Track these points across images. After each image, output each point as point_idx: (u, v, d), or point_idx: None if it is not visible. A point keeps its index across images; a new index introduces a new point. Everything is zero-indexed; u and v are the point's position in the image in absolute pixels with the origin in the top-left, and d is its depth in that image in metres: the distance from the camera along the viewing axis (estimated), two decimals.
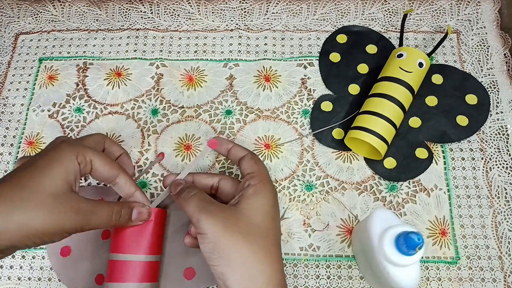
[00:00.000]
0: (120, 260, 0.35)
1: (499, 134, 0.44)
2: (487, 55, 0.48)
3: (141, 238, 0.35)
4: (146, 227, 0.36)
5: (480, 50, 0.48)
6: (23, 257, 0.41)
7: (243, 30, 0.50)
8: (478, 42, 0.49)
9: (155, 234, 0.36)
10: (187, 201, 0.32)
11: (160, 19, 0.52)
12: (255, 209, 0.32)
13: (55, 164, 0.30)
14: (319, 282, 0.39)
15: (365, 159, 0.44)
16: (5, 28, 0.52)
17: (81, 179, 0.43)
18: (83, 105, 0.47)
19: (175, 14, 0.52)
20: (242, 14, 0.51)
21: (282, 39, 0.50)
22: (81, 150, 0.31)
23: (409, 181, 0.43)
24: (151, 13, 0.52)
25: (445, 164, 0.43)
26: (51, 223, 0.28)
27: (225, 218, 0.30)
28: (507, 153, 0.43)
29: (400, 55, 0.43)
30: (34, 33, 0.52)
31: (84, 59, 0.50)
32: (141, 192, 0.35)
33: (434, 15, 0.50)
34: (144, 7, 0.52)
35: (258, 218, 0.31)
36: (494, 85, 0.46)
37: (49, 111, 0.47)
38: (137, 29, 0.51)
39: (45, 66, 0.50)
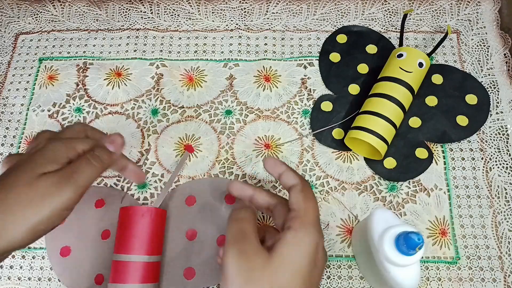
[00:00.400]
0: (124, 261, 0.35)
1: (499, 134, 0.44)
2: (487, 55, 0.48)
3: (144, 239, 0.35)
4: (148, 227, 0.36)
5: (480, 50, 0.48)
6: (23, 257, 0.41)
7: (243, 30, 0.50)
8: (478, 42, 0.49)
9: (156, 234, 0.36)
10: (231, 222, 0.31)
11: (160, 19, 0.52)
12: (287, 264, 0.27)
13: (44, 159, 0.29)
14: None
15: (365, 159, 0.44)
16: (5, 28, 0.52)
17: None
18: (83, 105, 0.47)
19: (175, 14, 0.52)
20: (242, 14, 0.51)
21: (282, 39, 0.50)
22: (72, 144, 0.31)
23: (409, 181, 0.43)
24: (151, 13, 0.52)
25: (445, 164, 0.43)
26: (43, 212, 0.28)
27: (250, 270, 0.27)
28: (507, 153, 0.43)
29: (400, 55, 0.43)
30: (34, 33, 0.52)
31: (84, 59, 0.50)
32: (133, 163, 0.37)
33: (434, 15, 0.50)
34: (144, 7, 0.52)
35: (286, 276, 0.27)
36: (494, 85, 0.46)
37: (49, 111, 0.47)
38: (137, 29, 0.51)
39: (45, 66, 0.50)
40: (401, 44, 0.46)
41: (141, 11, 0.52)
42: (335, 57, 0.48)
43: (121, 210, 0.37)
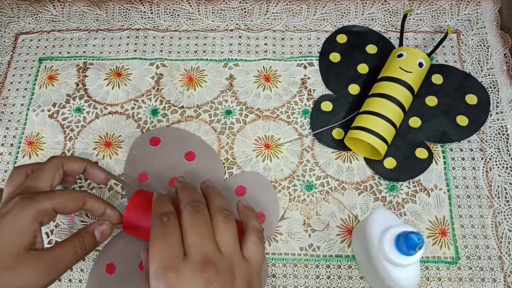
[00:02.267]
0: None
1: (499, 134, 0.44)
2: (487, 55, 0.48)
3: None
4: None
5: (480, 50, 0.48)
6: None
7: (243, 30, 0.50)
8: (478, 42, 0.49)
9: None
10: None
11: (160, 19, 0.52)
12: None
13: (8, 233, 0.30)
14: (319, 282, 0.39)
15: (365, 159, 0.44)
16: (5, 28, 0.52)
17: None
18: (83, 105, 0.47)
19: (175, 14, 0.52)
20: (242, 14, 0.51)
21: (282, 39, 0.50)
22: (37, 205, 0.31)
23: (409, 181, 0.43)
24: (151, 13, 0.52)
25: (445, 164, 0.43)
26: None
27: None
28: (507, 153, 0.43)
29: (400, 55, 0.43)
30: (34, 33, 0.52)
31: (84, 59, 0.50)
32: (111, 208, 0.36)
33: (434, 15, 0.50)
34: (144, 7, 0.52)
35: None
36: (494, 85, 0.46)
37: (49, 111, 0.47)
38: (137, 29, 0.51)
39: (45, 66, 0.50)
40: (401, 44, 0.46)
41: (141, 11, 0.52)
42: (335, 57, 0.48)
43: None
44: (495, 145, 0.44)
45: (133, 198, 0.36)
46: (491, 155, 0.43)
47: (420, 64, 0.43)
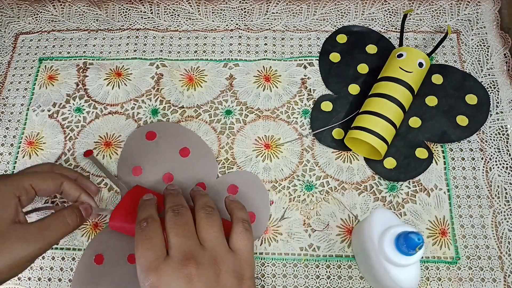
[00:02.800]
0: None
1: (499, 134, 0.44)
2: (487, 55, 0.48)
3: None
4: None
5: (480, 50, 0.48)
6: None
7: (243, 30, 0.50)
8: (478, 42, 0.49)
9: None
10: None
11: (160, 19, 0.52)
12: None
13: None
14: (319, 282, 0.39)
15: (365, 159, 0.44)
16: (5, 28, 0.52)
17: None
18: (83, 105, 0.47)
19: (175, 14, 0.52)
20: (242, 14, 0.51)
21: (282, 39, 0.50)
22: (17, 182, 0.33)
23: (409, 181, 0.43)
24: (151, 13, 0.52)
25: (445, 164, 0.43)
26: (3, 260, 0.29)
27: None
28: (507, 153, 0.43)
29: (400, 55, 0.43)
30: (34, 33, 0.52)
31: (84, 59, 0.50)
32: (86, 194, 0.38)
33: (434, 15, 0.50)
34: (144, 7, 0.52)
35: None
36: (494, 85, 0.46)
37: (49, 111, 0.47)
38: (137, 29, 0.51)
39: (45, 66, 0.50)
40: (401, 44, 0.46)
41: (141, 11, 0.52)
42: (335, 57, 0.48)
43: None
44: (495, 145, 0.44)
45: (121, 202, 0.38)
46: (491, 155, 0.43)
47: (420, 64, 0.43)
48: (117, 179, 0.42)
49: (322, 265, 0.40)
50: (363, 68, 0.47)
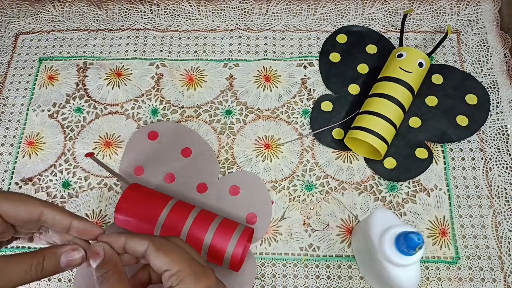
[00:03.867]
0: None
1: (499, 134, 0.44)
2: (487, 55, 0.48)
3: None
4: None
5: (480, 50, 0.48)
6: None
7: (243, 30, 0.50)
8: (478, 42, 0.49)
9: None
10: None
11: (160, 19, 0.52)
12: None
13: None
14: (319, 282, 0.39)
15: (365, 159, 0.44)
16: (5, 28, 0.52)
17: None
18: (83, 105, 0.47)
19: (175, 14, 0.52)
20: (242, 14, 0.51)
21: (282, 39, 0.50)
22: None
23: (409, 181, 0.43)
24: (151, 13, 0.52)
25: (445, 164, 0.43)
26: None
27: None
28: (507, 153, 0.43)
29: (400, 55, 0.43)
30: (34, 33, 0.52)
31: (84, 59, 0.50)
32: (79, 219, 0.28)
33: (434, 15, 0.50)
34: (144, 7, 0.52)
35: None
36: (494, 85, 0.46)
37: (49, 111, 0.47)
38: (137, 29, 0.51)
39: (45, 66, 0.50)
40: (401, 44, 0.46)
41: (141, 11, 0.52)
42: (335, 57, 0.48)
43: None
44: (495, 145, 0.44)
45: (126, 191, 0.38)
46: (491, 155, 0.43)
47: (420, 64, 0.43)
48: (120, 175, 0.42)
49: (322, 265, 0.40)
50: (363, 68, 0.47)
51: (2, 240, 0.29)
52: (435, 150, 0.44)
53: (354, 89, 0.46)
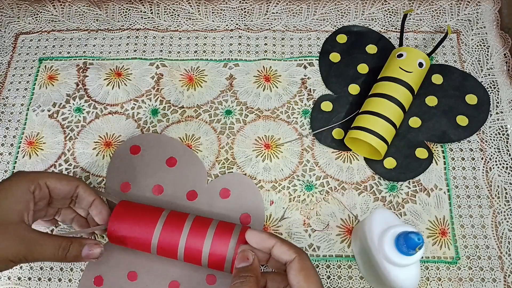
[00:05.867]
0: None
1: (499, 134, 0.44)
2: (487, 55, 0.48)
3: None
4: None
5: (480, 50, 0.48)
6: None
7: (243, 30, 0.50)
8: (478, 42, 0.49)
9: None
10: None
11: (160, 19, 0.52)
12: None
13: (5, 196, 0.31)
14: None
15: (365, 159, 0.44)
16: (5, 28, 0.52)
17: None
18: (83, 105, 0.47)
19: (175, 14, 0.52)
20: (242, 14, 0.51)
21: (282, 39, 0.50)
22: (33, 177, 0.33)
23: (409, 181, 0.43)
24: (151, 13, 0.52)
25: (445, 164, 0.43)
26: None
27: None
28: (507, 153, 0.43)
29: (400, 55, 0.43)
30: (34, 33, 0.52)
31: (84, 59, 0.50)
32: (100, 201, 0.37)
33: (434, 15, 0.50)
34: (144, 7, 0.52)
35: None
36: (494, 85, 0.46)
37: (49, 111, 0.47)
38: (137, 29, 0.51)
39: (45, 66, 0.50)
40: (401, 44, 0.46)
41: (141, 11, 0.52)
42: (335, 57, 0.48)
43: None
44: (495, 145, 0.44)
45: (115, 209, 0.37)
46: (491, 155, 0.43)
47: (420, 64, 0.43)
48: (107, 193, 0.42)
49: (322, 265, 0.40)
50: (363, 68, 0.47)
51: (41, 212, 0.36)
52: (435, 150, 0.44)
53: (354, 89, 0.46)
